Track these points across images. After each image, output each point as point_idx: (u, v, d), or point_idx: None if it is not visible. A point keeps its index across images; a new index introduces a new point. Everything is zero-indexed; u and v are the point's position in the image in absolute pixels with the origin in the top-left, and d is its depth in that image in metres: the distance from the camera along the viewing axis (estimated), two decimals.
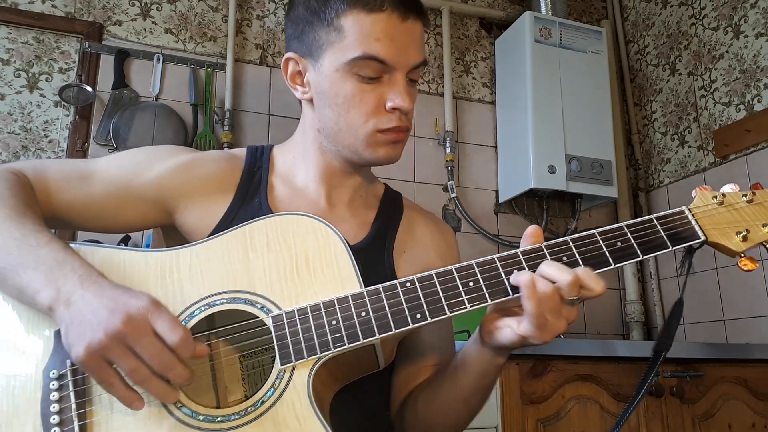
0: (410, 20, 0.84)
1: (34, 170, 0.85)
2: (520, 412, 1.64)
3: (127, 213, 0.88)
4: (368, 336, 0.70)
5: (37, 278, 0.67)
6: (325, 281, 0.74)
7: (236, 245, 0.77)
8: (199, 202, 0.89)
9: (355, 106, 0.84)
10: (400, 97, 0.83)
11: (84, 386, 0.69)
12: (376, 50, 0.81)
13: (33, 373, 0.70)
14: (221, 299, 0.74)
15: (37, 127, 1.98)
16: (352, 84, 0.83)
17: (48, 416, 0.68)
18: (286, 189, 0.93)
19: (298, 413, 0.68)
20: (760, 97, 2.20)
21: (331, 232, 0.77)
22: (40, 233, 0.72)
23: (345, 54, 0.82)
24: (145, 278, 0.75)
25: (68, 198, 0.85)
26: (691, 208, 0.77)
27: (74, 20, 2.09)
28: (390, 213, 0.98)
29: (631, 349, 1.79)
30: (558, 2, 2.53)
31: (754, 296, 2.15)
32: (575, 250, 0.74)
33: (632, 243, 0.74)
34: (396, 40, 0.82)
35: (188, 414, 0.68)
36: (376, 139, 0.86)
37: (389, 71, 0.83)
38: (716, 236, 0.75)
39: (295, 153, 0.95)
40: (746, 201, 0.77)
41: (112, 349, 0.62)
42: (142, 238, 1.97)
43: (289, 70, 0.90)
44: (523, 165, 2.30)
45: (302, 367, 0.70)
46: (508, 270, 0.73)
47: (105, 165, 0.89)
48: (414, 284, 0.73)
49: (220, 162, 0.93)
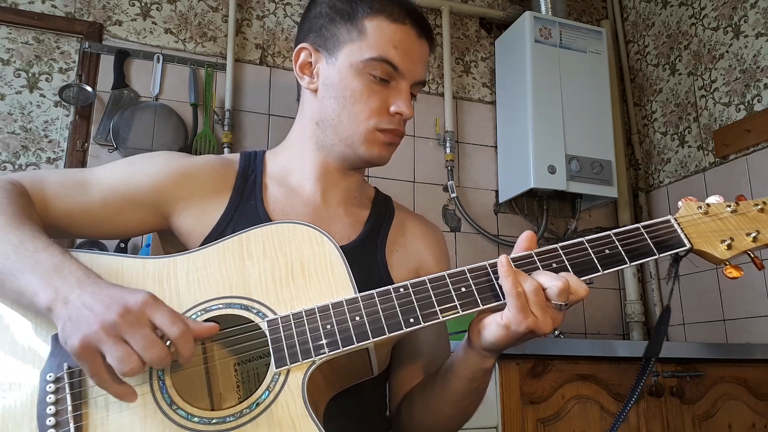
0: (423, 40, 0.93)
1: (32, 180, 0.86)
2: (520, 412, 1.65)
3: (125, 219, 0.89)
4: (362, 340, 0.71)
5: (35, 281, 0.68)
6: (320, 287, 0.75)
7: (233, 252, 0.78)
8: (196, 205, 0.90)
9: (362, 102, 0.89)
10: (405, 104, 0.90)
11: (80, 389, 0.70)
12: (392, 55, 0.88)
13: (30, 376, 0.71)
14: (217, 304, 0.75)
15: (37, 127, 1.99)
16: (362, 81, 0.89)
17: (44, 418, 0.68)
18: (280, 189, 0.95)
19: (293, 415, 0.69)
20: (760, 97, 2.20)
21: (326, 240, 0.78)
22: (38, 239, 0.73)
23: (363, 53, 0.89)
24: (143, 284, 0.75)
25: (66, 206, 0.86)
26: (677, 217, 0.79)
27: (74, 20, 2.09)
28: (382, 213, 1.01)
29: (631, 349, 1.79)
30: (558, 2, 2.53)
31: (754, 296, 2.15)
32: (564, 257, 0.75)
33: (619, 249, 0.76)
34: (410, 52, 0.90)
35: (183, 416, 0.69)
36: (374, 136, 0.90)
37: (397, 78, 0.90)
38: (701, 244, 0.77)
39: (289, 153, 0.98)
40: (730, 211, 0.79)
41: (105, 341, 0.63)
42: (142, 239, 1.98)
43: (301, 59, 0.95)
44: (523, 165, 2.30)
45: (297, 370, 0.71)
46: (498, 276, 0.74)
47: (101, 173, 0.90)
48: (407, 289, 0.74)
49: (215, 165, 0.95)
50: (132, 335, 0.63)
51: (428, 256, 1.00)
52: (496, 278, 0.74)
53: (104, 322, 0.63)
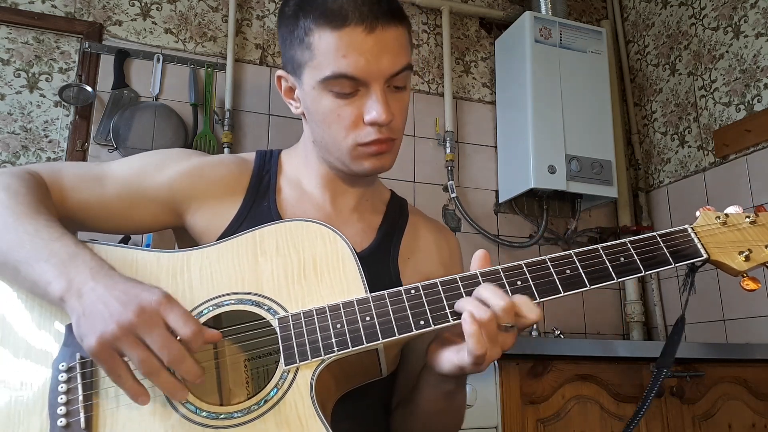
0: (379, 29, 0.80)
1: (50, 171, 0.87)
2: (520, 412, 1.64)
3: (139, 214, 0.89)
4: (372, 340, 0.71)
5: (49, 270, 0.69)
6: (331, 286, 0.76)
7: (246, 249, 0.79)
8: (210, 205, 0.90)
9: (335, 122, 0.84)
10: (377, 110, 0.81)
11: (92, 379, 0.71)
12: (344, 67, 0.80)
13: (43, 365, 0.72)
14: (229, 300, 0.75)
15: (37, 127, 1.98)
16: (329, 101, 0.83)
17: (55, 407, 0.69)
18: (294, 192, 0.94)
19: (300, 413, 0.69)
20: (760, 97, 2.20)
21: (338, 238, 0.79)
22: (53, 228, 0.73)
23: (318, 73, 0.82)
24: (156, 277, 0.76)
25: (82, 198, 0.87)
26: (694, 227, 0.78)
27: (74, 20, 2.08)
28: (396, 219, 0.99)
29: (631, 349, 1.79)
30: (558, 2, 2.53)
31: (754, 296, 2.14)
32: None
33: (635, 258, 0.75)
34: (365, 53, 0.80)
35: (192, 410, 0.69)
36: (358, 152, 0.86)
37: (364, 85, 0.82)
38: (719, 255, 0.76)
39: (299, 159, 0.97)
40: (749, 222, 0.78)
41: (123, 340, 0.63)
42: (142, 238, 1.97)
43: (283, 86, 0.92)
44: (523, 165, 2.30)
45: (306, 369, 0.71)
46: (511, 280, 0.74)
47: (118, 167, 0.91)
48: (419, 291, 0.74)
49: (230, 165, 0.94)
50: (149, 335, 0.64)
51: (439, 266, 0.98)
52: (508, 282, 0.74)
53: (121, 321, 0.63)
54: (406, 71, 0.84)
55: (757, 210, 0.79)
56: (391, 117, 0.83)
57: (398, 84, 0.85)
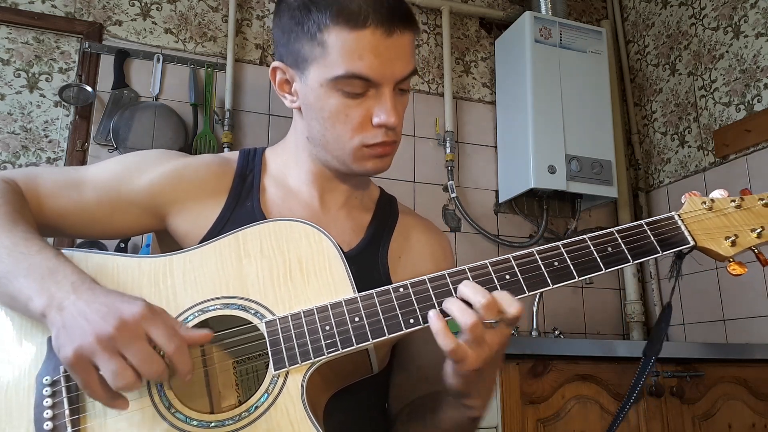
0: (396, 34, 0.80)
1: (26, 178, 0.84)
2: (520, 412, 1.64)
3: (120, 219, 0.88)
4: (362, 341, 0.70)
5: (29, 285, 0.67)
6: (318, 287, 0.74)
7: (229, 251, 0.77)
8: (192, 207, 0.88)
9: (341, 121, 0.83)
10: (386, 113, 0.81)
11: (77, 392, 0.69)
12: (360, 68, 0.79)
13: (26, 379, 0.70)
14: (215, 305, 0.74)
15: (37, 127, 1.99)
16: (337, 100, 0.82)
17: (41, 422, 0.67)
18: (278, 191, 0.93)
19: (292, 418, 0.68)
20: (760, 97, 2.20)
21: (324, 238, 0.77)
22: (31, 241, 0.71)
23: (329, 71, 0.80)
24: (139, 284, 0.75)
25: (60, 205, 0.84)
26: (680, 214, 0.77)
27: (74, 20, 2.09)
28: (385, 217, 0.98)
29: (631, 349, 1.79)
30: (558, 2, 2.53)
31: (754, 296, 2.15)
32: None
33: (622, 247, 0.74)
34: (381, 56, 0.80)
35: (182, 419, 0.68)
36: (362, 153, 0.85)
37: (375, 86, 0.81)
38: (705, 241, 0.75)
39: (287, 155, 0.95)
40: (735, 206, 0.77)
41: (100, 353, 0.61)
42: (142, 238, 1.97)
43: (277, 78, 0.90)
44: (523, 165, 2.30)
45: (296, 372, 0.70)
46: (500, 274, 0.73)
47: (96, 171, 0.88)
48: (407, 289, 0.72)
49: (212, 166, 0.92)
50: (128, 349, 0.62)
51: (431, 265, 0.96)
52: (496, 276, 0.73)
53: (99, 333, 0.61)
54: (411, 75, 0.85)
55: (742, 193, 0.78)
56: (400, 120, 0.83)
57: (404, 87, 0.85)
